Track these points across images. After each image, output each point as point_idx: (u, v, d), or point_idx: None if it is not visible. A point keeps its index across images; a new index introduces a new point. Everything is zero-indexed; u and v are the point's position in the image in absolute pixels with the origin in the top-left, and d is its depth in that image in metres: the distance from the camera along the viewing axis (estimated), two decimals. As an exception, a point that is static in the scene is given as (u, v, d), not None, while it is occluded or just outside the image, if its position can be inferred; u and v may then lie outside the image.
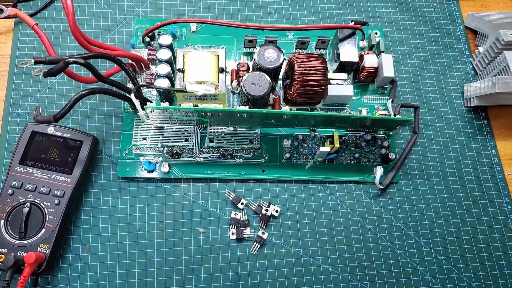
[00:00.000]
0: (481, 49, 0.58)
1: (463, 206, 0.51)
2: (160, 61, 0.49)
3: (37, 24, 0.46)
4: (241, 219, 0.48)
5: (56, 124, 0.44)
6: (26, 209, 0.44)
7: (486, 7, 0.63)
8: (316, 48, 0.56)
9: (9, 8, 0.49)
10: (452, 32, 0.60)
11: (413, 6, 0.61)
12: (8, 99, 0.52)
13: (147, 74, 0.52)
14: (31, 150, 0.46)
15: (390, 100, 0.53)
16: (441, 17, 0.61)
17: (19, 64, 0.39)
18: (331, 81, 0.52)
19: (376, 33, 0.57)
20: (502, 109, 0.56)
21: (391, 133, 0.53)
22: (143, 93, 0.51)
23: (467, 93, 0.55)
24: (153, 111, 0.45)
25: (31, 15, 0.55)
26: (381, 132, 0.53)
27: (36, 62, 0.39)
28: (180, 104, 0.49)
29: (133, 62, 0.51)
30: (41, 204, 0.44)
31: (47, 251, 0.43)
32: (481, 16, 0.57)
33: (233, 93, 0.53)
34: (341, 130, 0.53)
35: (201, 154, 0.51)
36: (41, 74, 0.39)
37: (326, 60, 0.51)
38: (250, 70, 0.52)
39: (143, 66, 0.52)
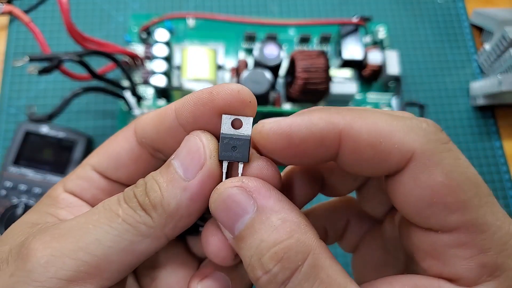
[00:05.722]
0: (486, 46, 0.56)
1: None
2: (157, 58, 0.48)
3: (32, 21, 0.45)
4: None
5: (50, 123, 0.44)
6: (20, 211, 0.43)
7: (492, 3, 0.61)
8: (318, 44, 0.55)
9: (3, 5, 0.49)
10: (457, 29, 0.58)
11: (418, 2, 0.59)
12: (2, 98, 0.51)
13: (143, 71, 0.51)
14: (25, 150, 0.45)
15: (395, 98, 0.52)
16: (446, 13, 0.59)
17: (14, 62, 0.38)
18: (334, 79, 0.50)
19: (380, 29, 0.55)
20: (509, 108, 0.55)
21: (395, 132, 0.52)
22: (139, 91, 0.50)
23: (473, 91, 0.54)
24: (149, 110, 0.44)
25: (26, 12, 0.53)
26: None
27: (31, 60, 0.39)
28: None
29: (129, 59, 0.50)
30: (35, 205, 0.43)
31: (41, 254, 0.42)
32: (486, 13, 0.56)
33: (233, 91, 0.52)
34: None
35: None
36: (36, 72, 0.38)
37: (329, 56, 0.50)
38: (250, 67, 0.51)
39: (140, 62, 0.51)
